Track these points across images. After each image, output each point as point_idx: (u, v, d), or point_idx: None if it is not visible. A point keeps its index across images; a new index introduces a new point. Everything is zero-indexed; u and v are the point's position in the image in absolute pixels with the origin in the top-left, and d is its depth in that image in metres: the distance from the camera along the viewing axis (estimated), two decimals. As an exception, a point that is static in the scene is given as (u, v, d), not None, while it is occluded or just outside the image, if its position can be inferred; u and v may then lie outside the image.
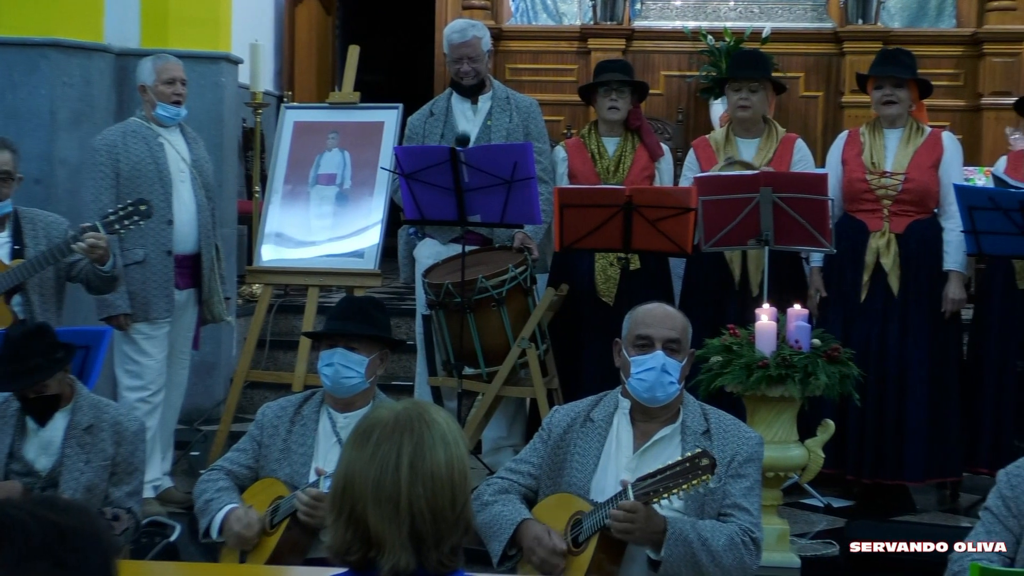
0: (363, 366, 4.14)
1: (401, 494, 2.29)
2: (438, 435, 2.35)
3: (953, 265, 6.07)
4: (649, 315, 3.96)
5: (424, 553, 2.30)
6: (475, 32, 6.50)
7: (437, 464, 2.32)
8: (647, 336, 3.90)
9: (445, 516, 2.31)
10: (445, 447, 2.34)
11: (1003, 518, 3.66)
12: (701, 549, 3.59)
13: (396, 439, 2.33)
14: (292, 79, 10.76)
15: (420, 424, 2.35)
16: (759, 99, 6.33)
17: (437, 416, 2.39)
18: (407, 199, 5.89)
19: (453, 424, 2.40)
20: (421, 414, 2.38)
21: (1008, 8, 9.97)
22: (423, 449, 2.32)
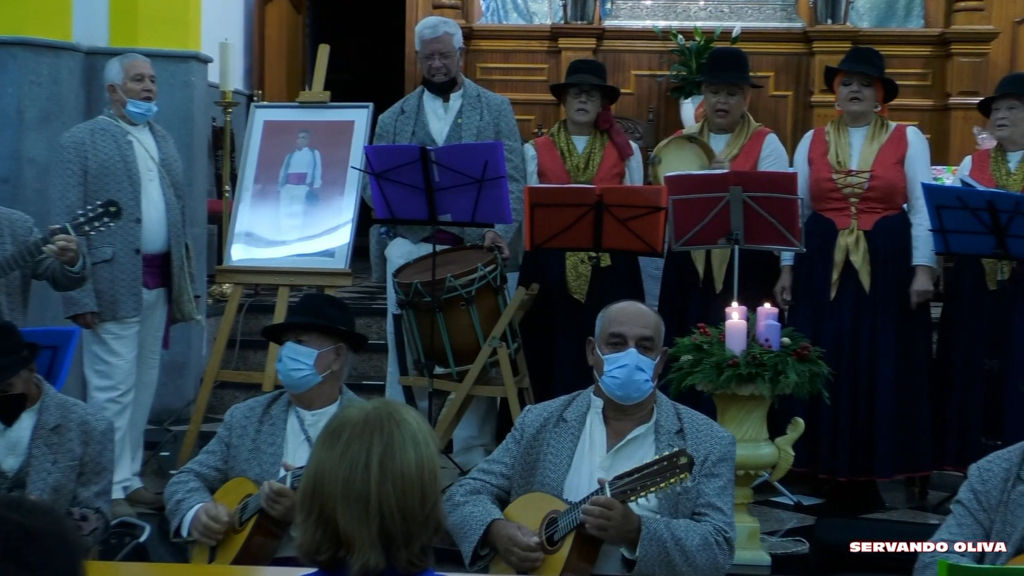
0: (311, 358, 4.14)
1: (371, 493, 2.29)
2: (408, 435, 2.35)
3: (922, 260, 6.10)
4: (622, 313, 3.96)
5: (393, 552, 2.30)
6: (447, 28, 6.49)
7: (407, 464, 2.32)
8: (620, 334, 3.91)
9: (415, 516, 2.31)
10: (415, 447, 2.34)
11: (974, 511, 3.68)
12: (675, 549, 3.60)
13: (366, 438, 2.33)
14: (262, 78, 10.73)
15: (390, 423, 2.35)
16: (737, 102, 6.35)
17: (407, 416, 2.39)
18: (377, 198, 5.88)
19: (423, 424, 2.40)
20: (391, 413, 2.38)
21: (975, 8, 10.03)
22: (393, 449, 2.33)
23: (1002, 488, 3.66)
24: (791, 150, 6.77)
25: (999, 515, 3.64)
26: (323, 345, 4.18)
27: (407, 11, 10.62)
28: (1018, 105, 6.09)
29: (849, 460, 6.15)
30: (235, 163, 8.27)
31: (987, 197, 5.52)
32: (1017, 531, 3.59)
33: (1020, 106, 6.08)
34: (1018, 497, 3.63)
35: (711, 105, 6.38)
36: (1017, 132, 6.11)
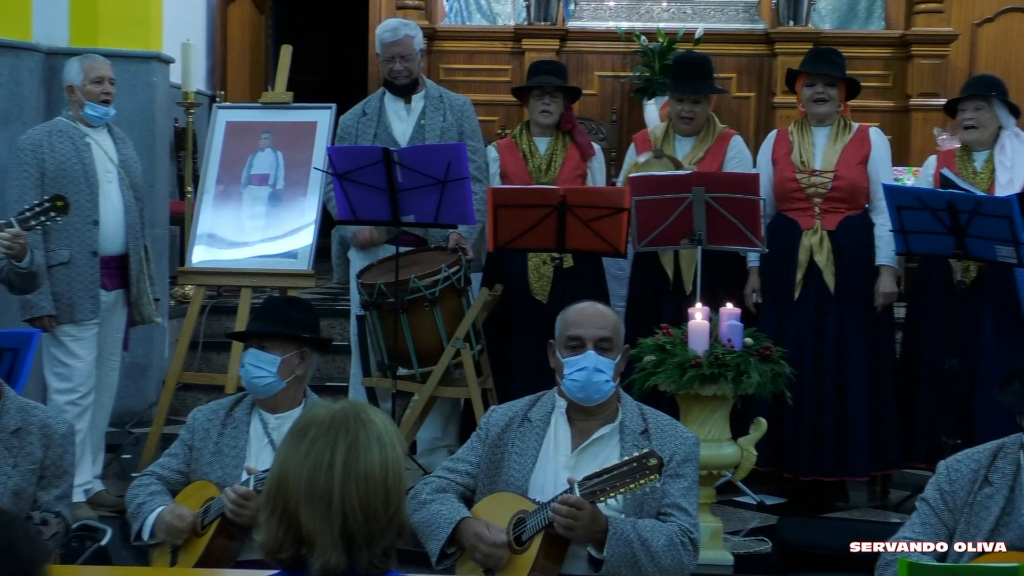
0: (275, 365, 4.13)
1: (333, 492, 2.30)
2: (374, 435, 2.35)
3: (885, 260, 6.13)
4: (580, 315, 3.97)
5: (355, 553, 2.30)
6: (407, 31, 6.48)
7: (371, 464, 2.32)
8: (578, 336, 3.91)
9: (377, 517, 2.31)
10: (380, 448, 2.34)
11: (939, 511, 3.70)
12: (641, 549, 3.61)
13: (331, 437, 2.33)
14: (224, 79, 10.69)
15: (356, 424, 2.35)
16: (702, 109, 6.37)
17: (374, 417, 2.39)
18: (340, 200, 5.86)
19: (390, 426, 2.41)
20: (358, 414, 2.38)
21: (935, 11, 10.09)
22: (358, 449, 2.33)
23: (969, 489, 3.68)
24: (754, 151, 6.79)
25: (964, 516, 3.66)
26: (286, 351, 4.16)
27: (370, 11, 10.60)
28: (984, 106, 6.13)
29: (812, 460, 6.17)
30: (197, 164, 8.23)
31: (947, 198, 5.56)
32: (981, 533, 3.61)
33: (986, 107, 6.13)
34: (984, 499, 3.65)
35: (676, 112, 6.39)
36: (984, 133, 6.15)
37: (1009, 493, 3.63)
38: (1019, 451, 3.69)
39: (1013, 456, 3.69)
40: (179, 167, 9.32)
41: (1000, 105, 6.14)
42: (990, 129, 6.15)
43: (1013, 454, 3.69)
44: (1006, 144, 6.13)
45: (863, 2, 10.62)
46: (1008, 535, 3.60)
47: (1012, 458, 3.68)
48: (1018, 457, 3.68)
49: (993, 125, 6.15)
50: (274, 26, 12.27)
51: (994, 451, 3.73)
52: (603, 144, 8.07)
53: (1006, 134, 6.15)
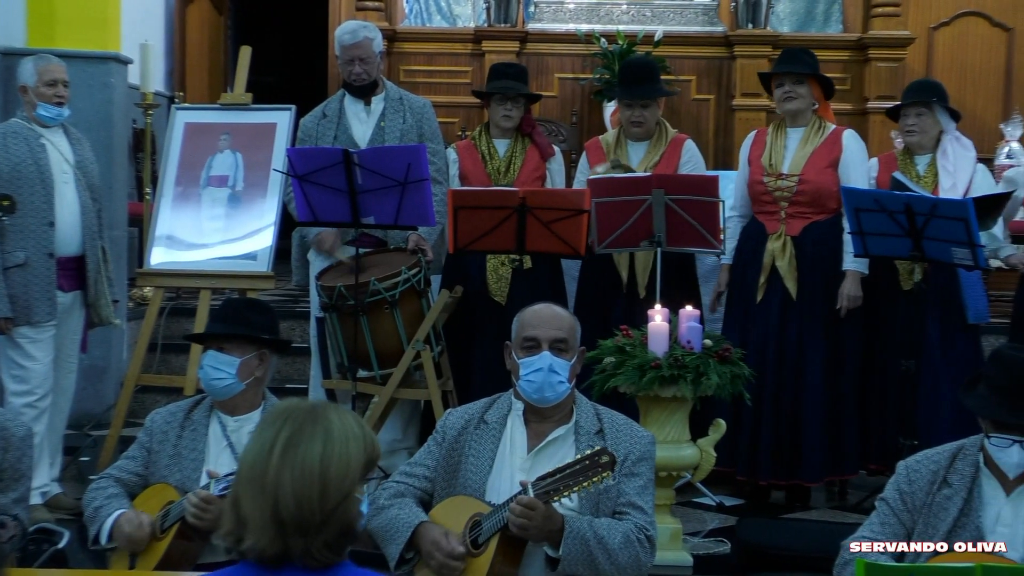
0: (233, 367, 4.12)
1: (268, 475, 2.34)
2: (322, 429, 2.38)
3: (850, 264, 6.16)
4: (535, 316, 3.98)
5: (288, 540, 2.33)
6: (366, 33, 6.46)
7: (310, 456, 2.35)
8: (533, 337, 3.92)
9: (311, 509, 2.33)
10: (325, 443, 2.37)
11: (898, 512, 3.73)
12: (598, 547, 3.62)
13: (279, 424, 2.39)
14: (183, 80, 10.64)
15: (307, 416, 2.40)
16: (651, 113, 6.38)
17: (334, 415, 2.42)
18: (300, 201, 5.85)
19: (354, 428, 2.42)
20: (316, 408, 2.42)
21: (892, 15, 10.18)
22: (299, 437, 2.37)
23: (928, 490, 3.71)
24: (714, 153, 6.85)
25: (922, 516, 3.70)
26: (245, 352, 4.15)
27: (329, 13, 10.58)
28: (926, 112, 6.19)
29: (772, 463, 6.21)
30: (156, 165, 8.19)
31: (904, 200, 5.61)
32: (939, 533, 3.64)
33: (928, 112, 6.19)
34: (942, 500, 3.68)
35: (626, 118, 6.41)
36: (925, 137, 6.22)
37: (967, 495, 3.66)
38: (978, 453, 3.72)
39: (972, 458, 3.72)
40: (138, 168, 9.26)
41: (941, 110, 6.20)
42: (931, 134, 6.22)
43: (972, 456, 3.73)
44: (948, 149, 6.19)
45: (821, 5, 10.70)
46: (965, 536, 3.63)
47: (971, 460, 3.72)
48: (977, 459, 3.71)
49: (934, 130, 6.22)
50: (233, 27, 12.22)
51: (954, 452, 3.77)
52: (563, 146, 8.09)
53: (947, 138, 6.22)
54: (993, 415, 3.61)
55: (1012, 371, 3.61)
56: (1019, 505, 3.66)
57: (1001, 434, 3.60)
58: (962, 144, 6.23)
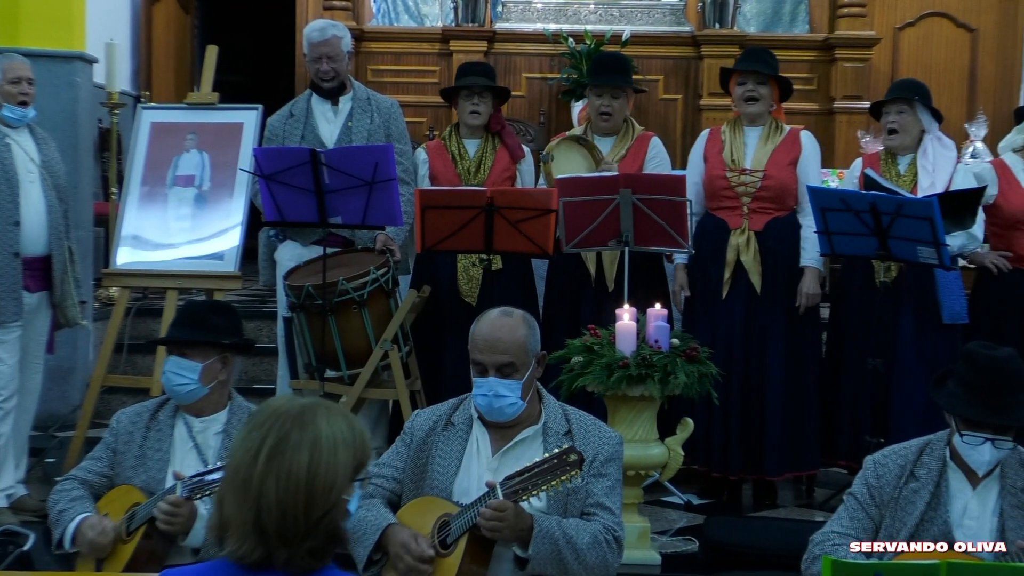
0: (196, 372, 4.10)
1: (252, 483, 2.32)
2: (309, 438, 2.34)
3: (809, 261, 6.19)
4: (481, 339, 3.89)
5: (271, 547, 2.31)
6: (335, 32, 6.45)
7: (297, 465, 2.32)
8: (479, 362, 3.89)
9: (295, 518, 2.31)
10: (312, 451, 2.34)
11: (866, 506, 3.76)
12: (566, 547, 3.63)
13: (266, 429, 2.36)
14: (150, 79, 10.58)
15: (295, 422, 2.36)
16: (620, 105, 6.40)
17: (321, 420, 2.38)
18: (267, 201, 5.83)
19: (344, 433, 2.39)
20: (303, 413, 2.38)
21: (858, 15, 10.23)
22: (285, 446, 2.33)
23: (895, 484, 3.74)
24: (681, 152, 6.86)
25: (890, 510, 3.73)
26: (208, 357, 4.13)
27: (297, 12, 10.55)
28: (907, 110, 6.21)
29: (743, 458, 6.24)
30: (122, 165, 8.15)
31: (870, 200, 5.63)
32: (906, 527, 3.68)
33: (909, 111, 6.21)
34: (910, 494, 3.72)
35: (595, 108, 6.43)
36: (907, 136, 6.23)
37: (935, 488, 3.70)
38: (945, 448, 3.76)
39: (939, 452, 3.76)
40: (104, 168, 9.21)
41: (923, 109, 6.22)
42: (913, 133, 6.23)
43: (939, 450, 3.76)
44: (928, 148, 6.22)
45: (787, 6, 10.74)
46: (932, 530, 3.67)
47: (938, 454, 3.75)
48: (944, 453, 3.75)
49: (916, 129, 6.23)
50: (200, 26, 12.16)
51: (921, 447, 3.80)
52: (531, 146, 8.09)
53: (928, 138, 6.24)
54: (966, 413, 3.64)
55: (984, 370, 3.64)
56: (986, 498, 3.70)
57: (973, 432, 3.63)
58: (943, 144, 6.25)
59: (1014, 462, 3.72)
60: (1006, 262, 6.25)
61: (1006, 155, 6.49)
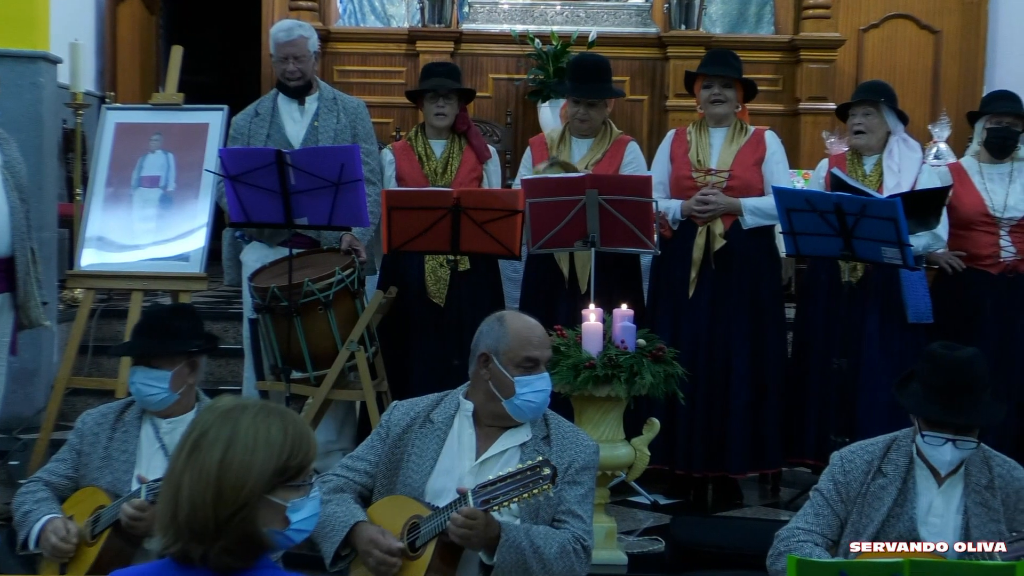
0: (166, 381, 4.09)
1: (173, 476, 2.35)
2: (225, 435, 2.35)
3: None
4: (534, 336, 3.96)
5: (187, 543, 2.31)
6: (301, 32, 6.44)
7: (209, 461, 2.33)
8: (534, 358, 3.91)
9: (204, 515, 2.31)
10: (226, 449, 2.34)
11: (832, 502, 3.79)
12: (532, 556, 3.63)
13: (195, 424, 2.38)
14: (114, 79, 10.51)
15: (219, 418, 2.37)
16: (598, 112, 6.41)
17: (247, 419, 2.38)
18: (232, 202, 5.81)
19: (272, 434, 2.38)
20: (231, 411, 2.38)
21: (823, 16, 10.28)
22: (204, 441, 2.35)
23: (862, 480, 3.77)
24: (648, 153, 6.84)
25: (857, 506, 3.76)
26: (176, 364, 4.10)
27: (263, 12, 10.51)
28: (873, 111, 6.26)
29: (706, 456, 6.26)
30: (86, 166, 8.10)
31: (835, 200, 5.66)
32: (873, 523, 3.71)
33: (875, 112, 6.26)
34: (877, 490, 3.75)
35: (572, 114, 6.44)
36: (873, 137, 6.27)
37: (902, 484, 3.74)
38: (911, 444, 3.79)
39: (906, 449, 3.79)
40: (68, 169, 9.15)
41: (889, 111, 6.27)
42: (879, 134, 6.28)
43: (906, 447, 3.80)
44: (894, 149, 6.26)
45: (753, 7, 10.79)
46: (899, 526, 3.70)
47: (905, 451, 3.79)
48: (910, 450, 3.78)
49: (882, 130, 6.28)
50: (165, 26, 12.10)
51: (888, 443, 3.84)
52: (498, 146, 8.09)
53: (894, 139, 6.29)
54: (927, 414, 3.68)
55: (945, 370, 3.67)
56: (950, 496, 3.74)
57: (934, 432, 3.67)
58: (909, 145, 6.31)
59: (978, 460, 3.76)
60: (960, 262, 6.31)
61: (965, 158, 6.56)
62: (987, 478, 3.73)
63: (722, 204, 6.17)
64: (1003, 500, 3.72)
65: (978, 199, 6.28)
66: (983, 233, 6.30)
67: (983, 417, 3.69)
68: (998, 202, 6.26)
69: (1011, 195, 6.26)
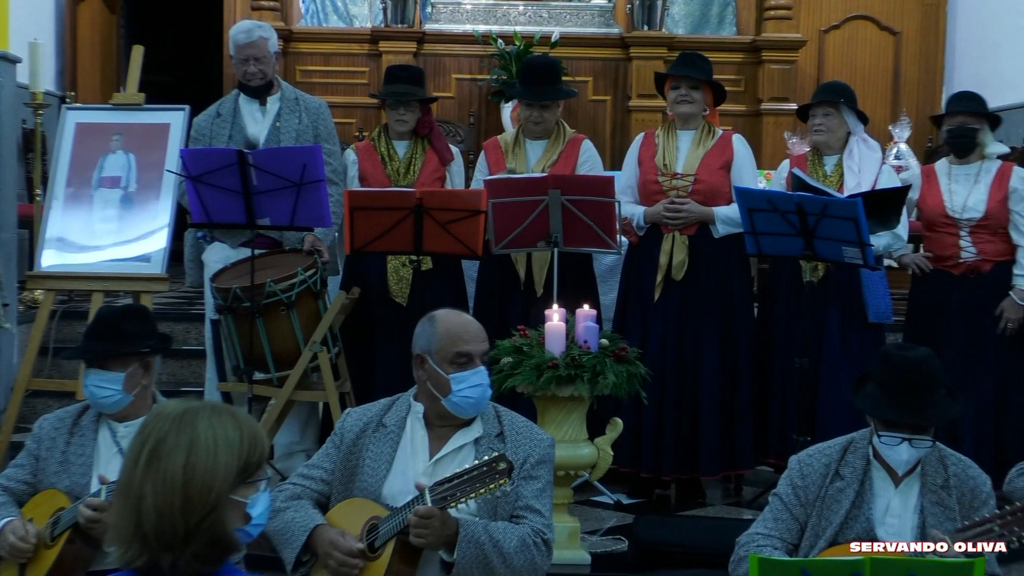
0: (119, 382, 4.07)
1: (132, 486, 2.31)
2: (186, 440, 2.33)
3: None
4: (465, 331, 3.96)
5: (154, 553, 2.29)
6: (261, 33, 6.42)
7: (173, 467, 2.31)
8: (467, 353, 3.91)
9: (173, 521, 2.29)
10: (189, 453, 2.32)
11: (791, 506, 3.81)
12: (492, 551, 3.63)
13: (146, 433, 2.34)
14: (75, 79, 10.46)
15: (173, 425, 2.34)
16: (550, 114, 6.41)
17: (203, 422, 2.36)
18: (194, 202, 5.79)
19: (229, 433, 2.37)
20: (184, 415, 2.36)
21: (784, 17, 10.33)
22: (162, 449, 2.32)
23: (821, 483, 3.79)
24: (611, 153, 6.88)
25: (816, 509, 3.78)
26: (128, 365, 4.08)
27: (224, 12, 10.47)
28: (833, 112, 6.29)
29: (674, 459, 6.27)
30: (46, 166, 8.05)
31: (796, 200, 5.69)
32: (832, 525, 3.73)
33: (835, 113, 6.29)
34: (835, 493, 3.77)
35: (526, 117, 6.44)
36: (833, 137, 6.32)
37: (859, 487, 3.76)
38: (868, 446, 3.81)
39: (863, 451, 3.82)
40: (28, 169, 9.09)
41: (849, 111, 6.31)
42: (839, 134, 6.32)
43: (863, 449, 3.82)
44: (854, 149, 6.31)
45: (715, 8, 10.83)
46: (856, 528, 3.72)
47: (862, 452, 3.81)
48: (867, 452, 3.81)
49: (842, 130, 6.32)
50: (126, 26, 12.03)
51: (844, 446, 3.86)
52: (461, 147, 8.08)
53: (854, 140, 6.33)
54: (881, 415, 3.71)
55: (900, 371, 3.71)
56: (907, 496, 3.77)
57: (890, 432, 3.70)
58: (868, 145, 6.35)
59: (934, 460, 3.79)
60: (927, 263, 6.36)
61: (940, 161, 6.60)
62: (943, 477, 3.77)
63: (695, 213, 6.18)
64: (959, 499, 3.75)
65: (939, 200, 6.34)
66: (945, 234, 6.35)
67: (938, 416, 3.72)
68: (957, 203, 6.31)
69: (972, 196, 6.31)
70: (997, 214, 6.28)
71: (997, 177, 6.33)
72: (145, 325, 4.21)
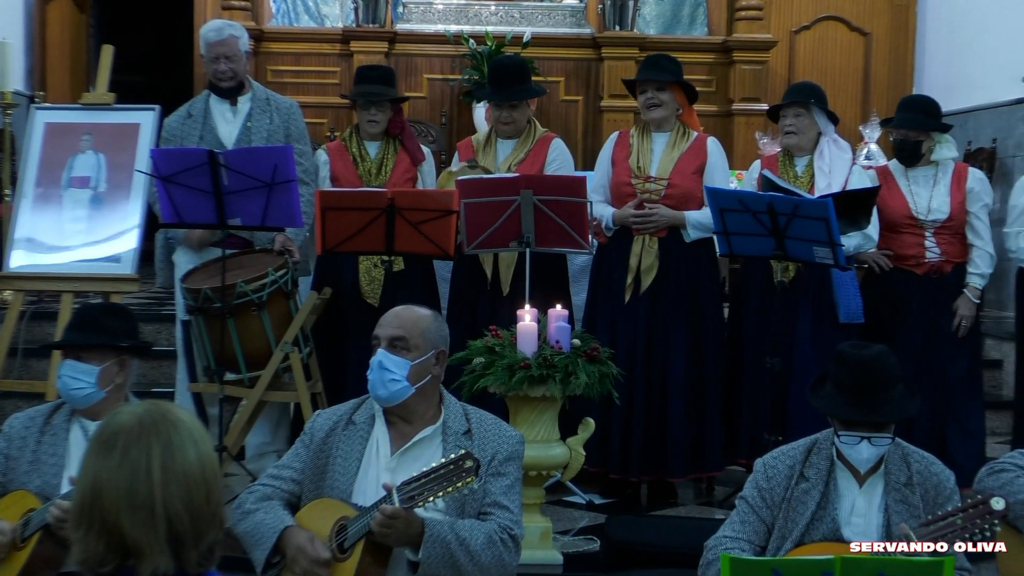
0: (93, 375, 4.05)
1: (155, 498, 2.28)
2: (186, 434, 2.34)
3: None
4: (383, 317, 4.01)
5: (183, 554, 2.29)
6: (232, 31, 6.40)
7: (189, 463, 2.31)
8: (375, 336, 3.94)
9: (202, 514, 2.31)
10: (195, 445, 2.34)
11: (758, 509, 3.82)
12: (459, 549, 3.63)
13: (144, 443, 2.30)
14: (44, 79, 10.40)
15: (166, 425, 2.33)
16: (520, 113, 6.41)
17: (181, 415, 2.38)
18: (164, 202, 5.76)
19: (196, 421, 2.40)
20: (164, 415, 2.36)
21: (755, 18, 10.37)
22: (173, 450, 2.31)
23: (786, 485, 3.81)
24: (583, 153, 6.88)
25: (782, 511, 3.80)
26: (105, 360, 4.07)
27: (195, 12, 10.43)
28: (804, 113, 6.31)
29: (642, 460, 6.27)
30: (15, 166, 8.00)
31: (767, 200, 5.70)
32: (798, 527, 3.75)
33: (805, 113, 6.31)
34: (800, 494, 3.79)
35: (495, 118, 6.45)
36: (803, 138, 6.33)
37: (824, 488, 3.78)
38: (831, 447, 3.83)
39: (827, 452, 3.84)
40: (-4, 169, 9.04)
41: (819, 112, 6.33)
42: (810, 135, 6.34)
43: (826, 450, 3.84)
44: (825, 150, 6.33)
45: (686, 8, 10.86)
46: (822, 528, 3.74)
47: (826, 453, 3.83)
48: (831, 453, 3.83)
49: (813, 131, 6.34)
50: (96, 25, 11.98)
51: (808, 447, 3.88)
52: (432, 147, 8.08)
53: (825, 140, 6.35)
54: (838, 414, 3.74)
55: (855, 370, 3.73)
56: (872, 495, 3.80)
57: (849, 432, 3.72)
58: (839, 146, 6.37)
59: (897, 458, 3.81)
60: (887, 261, 6.38)
61: (892, 161, 6.64)
62: (906, 475, 3.79)
63: (665, 217, 6.19)
64: (922, 495, 3.77)
65: (903, 202, 6.36)
66: (908, 235, 6.38)
67: (895, 412, 3.74)
68: (922, 205, 6.34)
69: (935, 198, 6.34)
70: (959, 215, 6.33)
71: (955, 179, 6.38)
72: (127, 323, 4.22)
